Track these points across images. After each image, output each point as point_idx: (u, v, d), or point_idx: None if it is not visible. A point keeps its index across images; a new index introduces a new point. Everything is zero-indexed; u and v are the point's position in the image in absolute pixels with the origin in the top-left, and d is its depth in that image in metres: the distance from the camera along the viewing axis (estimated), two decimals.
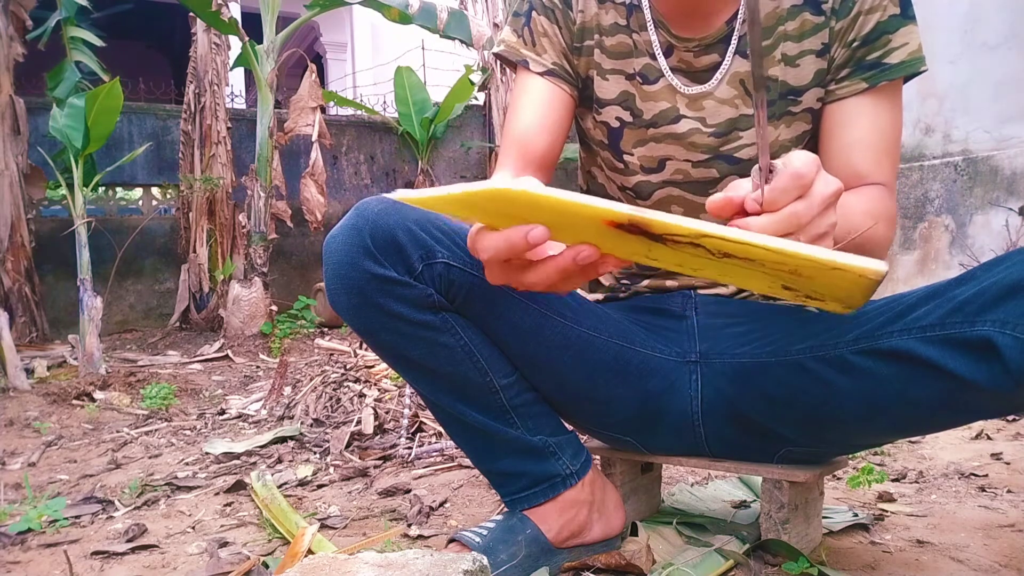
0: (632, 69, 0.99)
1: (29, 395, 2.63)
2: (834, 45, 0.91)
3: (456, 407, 0.95)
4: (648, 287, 1.06)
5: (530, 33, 1.02)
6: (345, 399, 2.15)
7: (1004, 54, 3.34)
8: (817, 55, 0.92)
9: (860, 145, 0.90)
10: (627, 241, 0.57)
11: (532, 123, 1.00)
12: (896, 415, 0.83)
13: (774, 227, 0.63)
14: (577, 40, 1.02)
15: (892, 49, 0.88)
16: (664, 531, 1.07)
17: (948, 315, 0.76)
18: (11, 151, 3.86)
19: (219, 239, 4.76)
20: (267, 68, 4.35)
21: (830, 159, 0.91)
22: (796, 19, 0.92)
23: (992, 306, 0.72)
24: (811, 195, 0.62)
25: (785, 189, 0.61)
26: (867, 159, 0.89)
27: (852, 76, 0.90)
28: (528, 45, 1.02)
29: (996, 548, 1.04)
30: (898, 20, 0.88)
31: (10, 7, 3.79)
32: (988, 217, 3.34)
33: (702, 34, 0.94)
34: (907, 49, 0.88)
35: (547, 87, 1.01)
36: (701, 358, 0.99)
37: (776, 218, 0.62)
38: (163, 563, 1.10)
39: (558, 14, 1.01)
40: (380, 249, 0.85)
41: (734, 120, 0.95)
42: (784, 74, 0.93)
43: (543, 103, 1.01)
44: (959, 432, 1.76)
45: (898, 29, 0.88)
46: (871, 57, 0.89)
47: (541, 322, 0.94)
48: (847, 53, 0.90)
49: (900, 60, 0.88)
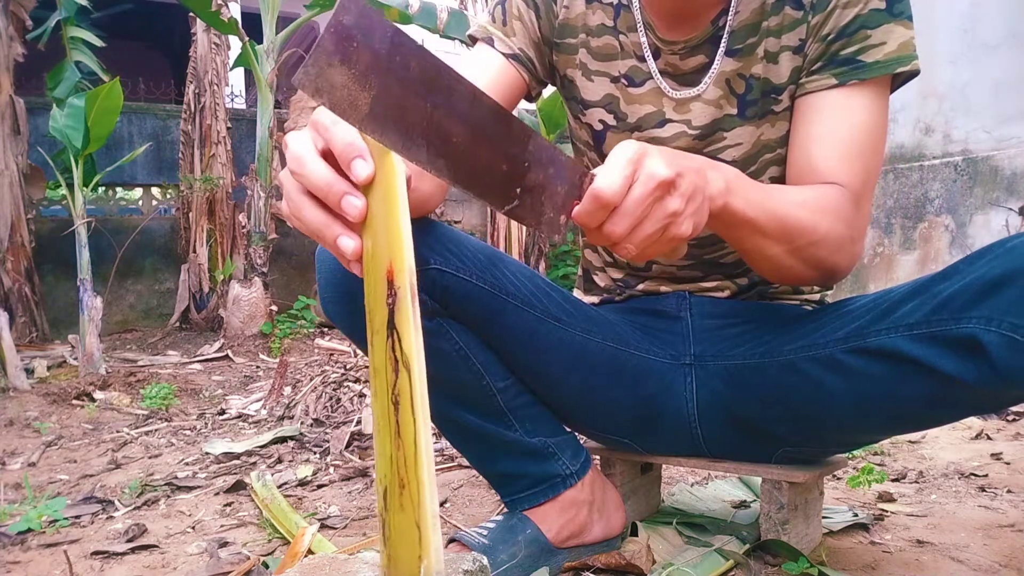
0: (617, 72, 0.97)
1: (29, 395, 2.63)
2: (809, 40, 0.87)
3: (454, 411, 0.95)
4: (643, 291, 1.06)
5: (503, 13, 0.99)
6: (345, 399, 2.15)
7: (1004, 54, 3.34)
8: (794, 52, 0.88)
9: (822, 142, 0.84)
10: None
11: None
12: (887, 413, 0.84)
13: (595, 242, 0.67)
14: (557, 36, 0.99)
15: (870, 47, 0.83)
16: (664, 531, 1.07)
17: (933, 312, 0.76)
18: (11, 151, 3.85)
19: (219, 239, 4.75)
20: (267, 68, 4.35)
21: (791, 154, 0.88)
22: (779, 14, 0.89)
23: (976, 302, 0.72)
24: (624, 205, 0.64)
25: (590, 213, 0.64)
26: (827, 157, 0.83)
27: (823, 71, 0.86)
28: (498, 24, 0.99)
29: (996, 548, 1.04)
30: (881, 16, 0.83)
31: (10, 7, 3.78)
32: (988, 217, 3.34)
33: (688, 36, 0.92)
34: (885, 49, 0.82)
35: (506, 68, 0.97)
36: (696, 360, 0.99)
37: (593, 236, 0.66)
38: (163, 563, 1.10)
39: (540, 4, 0.99)
40: None
41: (718, 120, 0.93)
42: (766, 71, 0.90)
43: (496, 82, 0.96)
44: (959, 432, 1.76)
45: (880, 26, 0.82)
46: (845, 52, 0.84)
47: (535, 326, 0.94)
48: (821, 48, 0.86)
49: (876, 59, 0.82)
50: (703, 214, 0.69)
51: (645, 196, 0.63)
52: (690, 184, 0.66)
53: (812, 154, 0.85)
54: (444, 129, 0.58)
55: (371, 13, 0.52)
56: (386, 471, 0.51)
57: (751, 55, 0.90)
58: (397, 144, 0.56)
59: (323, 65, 0.52)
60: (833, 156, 0.83)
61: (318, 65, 0.51)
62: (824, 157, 0.84)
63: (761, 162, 0.94)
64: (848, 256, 0.83)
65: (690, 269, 1.02)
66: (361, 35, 0.52)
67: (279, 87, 4.81)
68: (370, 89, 0.53)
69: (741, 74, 0.91)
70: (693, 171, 0.67)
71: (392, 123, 0.55)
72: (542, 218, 0.65)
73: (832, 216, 0.80)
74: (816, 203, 0.80)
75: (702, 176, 0.68)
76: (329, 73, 0.52)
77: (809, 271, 0.83)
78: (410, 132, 0.56)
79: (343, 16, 0.51)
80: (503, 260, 0.94)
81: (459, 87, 0.58)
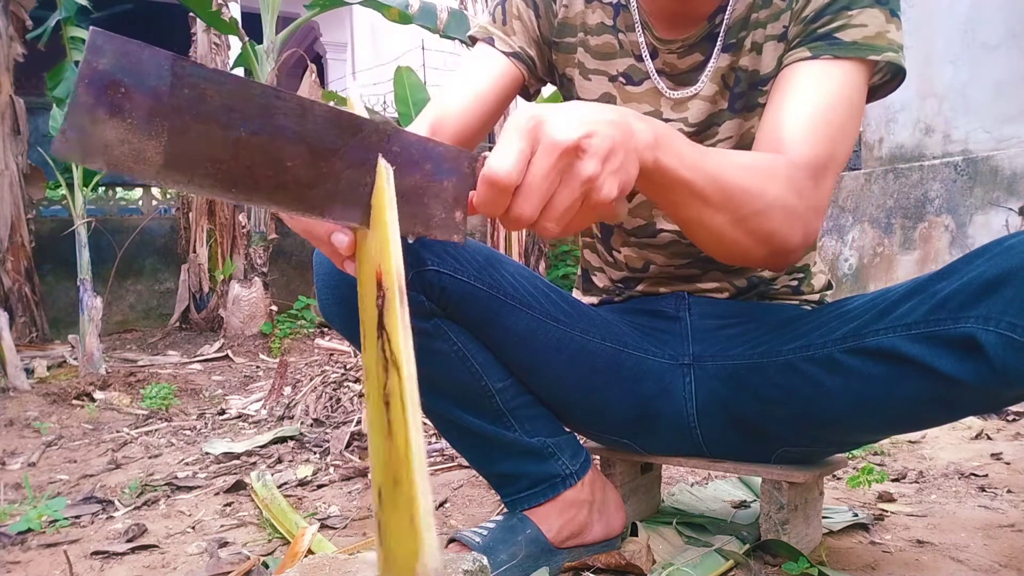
0: (615, 70, 0.98)
1: (29, 395, 2.63)
2: (791, 25, 0.86)
3: (453, 412, 0.95)
4: (642, 291, 1.06)
5: (503, 13, 0.99)
6: (345, 399, 2.15)
7: (1004, 54, 3.34)
8: (778, 40, 0.88)
9: (788, 110, 0.79)
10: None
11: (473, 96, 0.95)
12: (885, 413, 0.83)
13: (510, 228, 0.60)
14: (556, 35, 1.00)
15: (848, 26, 0.80)
16: (664, 531, 1.07)
17: (932, 312, 0.75)
18: (11, 151, 3.85)
19: (219, 239, 4.75)
20: (267, 68, 4.35)
21: (761, 124, 0.84)
22: (769, 6, 0.88)
23: (974, 302, 0.72)
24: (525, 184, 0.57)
25: (489, 200, 0.57)
26: (792, 126, 0.78)
27: (799, 45, 0.83)
28: (498, 24, 0.99)
29: (996, 548, 1.04)
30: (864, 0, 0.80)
31: (10, 7, 3.78)
32: (988, 217, 3.34)
33: (685, 35, 0.92)
34: (863, 31, 0.79)
35: (504, 64, 0.97)
36: (694, 360, 0.99)
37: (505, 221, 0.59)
38: (163, 563, 1.10)
39: (539, 3, 0.99)
40: None
41: (713, 115, 0.94)
42: (753, 63, 0.90)
43: (495, 81, 0.96)
44: (959, 432, 1.76)
45: (862, 9, 0.80)
46: (823, 29, 0.81)
47: (533, 327, 0.94)
48: (800, 28, 0.84)
49: (853, 40, 0.79)
50: (629, 170, 0.61)
51: (549, 169, 0.57)
52: (605, 140, 0.58)
53: (778, 121, 0.79)
54: (273, 156, 0.49)
55: (134, 48, 0.44)
56: (380, 470, 0.49)
57: (741, 48, 0.91)
58: (215, 189, 0.48)
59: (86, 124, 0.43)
60: (798, 125, 0.78)
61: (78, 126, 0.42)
62: (789, 126, 0.78)
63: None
64: (801, 232, 0.76)
65: (687, 268, 1.02)
66: (128, 77, 0.44)
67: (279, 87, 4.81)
68: (159, 136, 0.45)
69: (732, 67, 0.92)
70: (608, 124, 0.59)
71: (199, 168, 0.47)
72: (431, 222, 0.57)
73: (782, 184, 0.73)
74: (764, 168, 0.74)
75: (622, 129, 0.60)
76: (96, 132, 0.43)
77: (757, 246, 0.75)
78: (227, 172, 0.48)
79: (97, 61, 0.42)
80: (501, 261, 0.94)
81: (279, 103, 0.49)
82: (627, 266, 1.06)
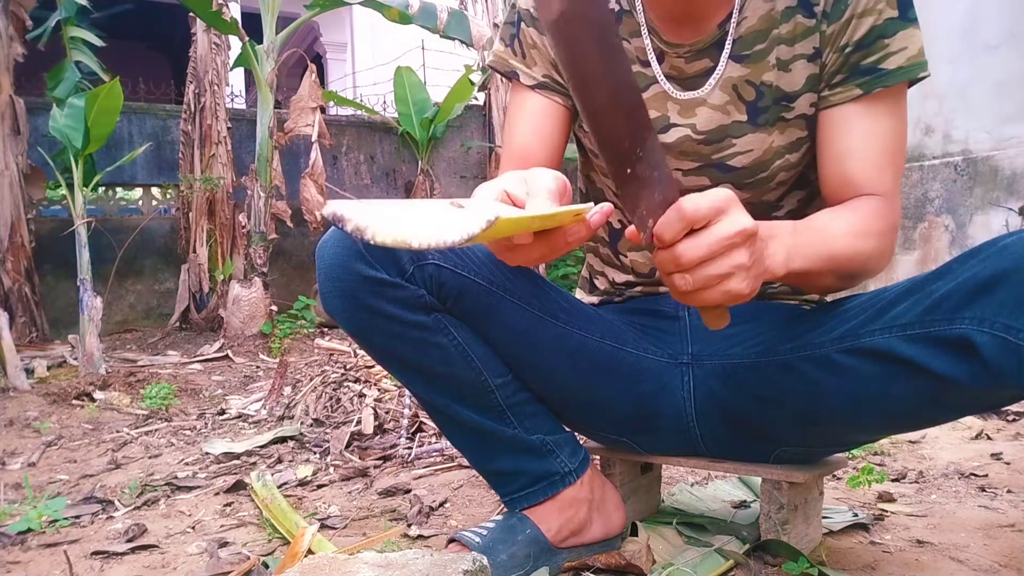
0: None
1: (29, 395, 2.63)
2: (826, 50, 0.88)
3: (452, 408, 0.95)
4: (642, 292, 1.07)
5: (520, 45, 1.01)
6: (345, 399, 2.15)
7: (1004, 54, 3.34)
8: (808, 59, 0.89)
9: (856, 155, 0.86)
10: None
11: (528, 138, 1.00)
12: (882, 412, 0.84)
13: (658, 264, 0.67)
14: None
15: (889, 54, 0.84)
16: (664, 531, 1.07)
17: (927, 312, 0.76)
18: (11, 151, 3.85)
19: (219, 239, 4.76)
20: (267, 68, 4.35)
21: (825, 167, 0.89)
22: (790, 22, 0.89)
23: (969, 302, 0.72)
24: (703, 235, 0.64)
25: (668, 224, 0.64)
26: (863, 169, 0.85)
27: (846, 82, 0.86)
28: (518, 57, 1.01)
29: (996, 548, 1.04)
30: (896, 24, 0.84)
31: (10, 7, 3.78)
32: (988, 217, 3.34)
33: (693, 39, 0.92)
34: (906, 54, 0.84)
35: (540, 101, 1.01)
36: (693, 359, 0.99)
37: (661, 255, 0.66)
38: (163, 563, 1.10)
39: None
40: (371, 251, 0.85)
41: (725, 127, 0.93)
42: (778, 79, 0.91)
43: (537, 117, 1.01)
44: (959, 432, 1.76)
45: (896, 33, 0.84)
46: (866, 62, 0.85)
47: (533, 324, 0.94)
48: (840, 58, 0.87)
49: (898, 65, 0.84)
50: (759, 281, 0.70)
51: (725, 236, 0.64)
52: (760, 249, 0.69)
53: (847, 168, 0.86)
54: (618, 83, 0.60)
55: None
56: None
57: (761, 62, 0.91)
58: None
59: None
60: (868, 168, 0.85)
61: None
62: (859, 170, 0.86)
63: (772, 168, 0.94)
64: (887, 261, 0.87)
65: None
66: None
67: (279, 87, 4.81)
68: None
69: (750, 81, 0.92)
70: (762, 239, 0.70)
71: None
72: (636, 211, 0.66)
73: (875, 237, 0.83)
74: (861, 227, 0.83)
75: (767, 246, 0.72)
76: None
77: (851, 283, 0.87)
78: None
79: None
80: None
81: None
82: (633, 270, 1.06)
